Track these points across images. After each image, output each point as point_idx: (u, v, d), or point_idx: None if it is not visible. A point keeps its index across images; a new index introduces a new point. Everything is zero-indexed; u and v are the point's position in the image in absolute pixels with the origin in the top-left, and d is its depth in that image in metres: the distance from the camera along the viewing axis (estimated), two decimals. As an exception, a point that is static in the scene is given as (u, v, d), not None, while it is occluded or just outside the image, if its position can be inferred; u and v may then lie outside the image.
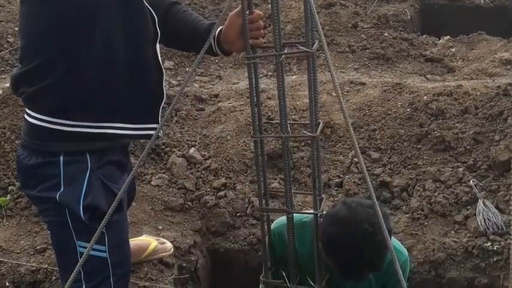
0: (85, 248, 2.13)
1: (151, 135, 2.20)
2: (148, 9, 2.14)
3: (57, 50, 2.05)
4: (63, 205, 2.11)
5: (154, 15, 2.15)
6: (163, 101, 2.24)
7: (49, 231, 2.39)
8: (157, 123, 2.22)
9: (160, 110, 2.23)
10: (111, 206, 1.77)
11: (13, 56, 6.59)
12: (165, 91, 2.24)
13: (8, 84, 5.15)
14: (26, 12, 2.09)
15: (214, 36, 2.18)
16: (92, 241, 1.64)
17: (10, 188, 3.91)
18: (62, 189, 2.11)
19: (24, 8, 2.10)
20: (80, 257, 2.13)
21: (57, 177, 2.12)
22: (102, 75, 2.08)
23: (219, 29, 2.19)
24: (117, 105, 2.14)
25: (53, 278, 3.20)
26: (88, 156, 2.13)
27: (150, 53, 2.17)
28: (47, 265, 3.25)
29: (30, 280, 3.22)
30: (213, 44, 2.21)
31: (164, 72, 2.25)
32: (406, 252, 2.42)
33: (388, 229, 2.06)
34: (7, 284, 3.23)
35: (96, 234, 1.61)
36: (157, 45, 2.20)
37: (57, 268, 3.16)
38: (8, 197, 3.84)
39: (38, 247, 3.40)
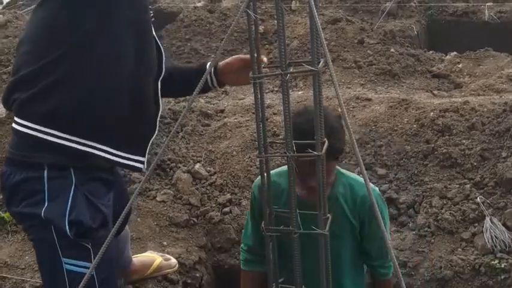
0: (71, 264, 2.12)
1: (137, 167, 2.20)
2: (158, 45, 2.17)
3: (58, 54, 2.03)
4: (48, 221, 2.08)
5: (163, 52, 2.18)
6: (154, 136, 2.25)
7: (34, 249, 2.35)
8: (144, 156, 2.22)
9: (149, 146, 2.24)
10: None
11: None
12: (157, 127, 2.25)
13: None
14: (41, 16, 2.10)
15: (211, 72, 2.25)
16: (93, 263, 1.62)
17: (16, 203, 3.91)
18: (46, 205, 2.08)
19: (39, 12, 2.10)
20: (66, 274, 2.12)
21: (41, 193, 2.08)
22: (100, 90, 2.07)
23: (214, 63, 2.23)
24: (109, 127, 2.12)
25: (57, 294, 3.18)
26: (72, 172, 2.10)
27: (151, 86, 2.19)
28: (51, 281, 3.23)
29: (35, 296, 3.21)
30: (209, 79, 2.26)
31: (161, 107, 2.26)
32: (375, 187, 2.51)
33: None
34: (12, 300, 3.22)
35: (98, 256, 1.59)
36: (159, 82, 2.23)
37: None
38: (14, 212, 3.84)
39: (42, 263, 3.39)
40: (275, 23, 5.39)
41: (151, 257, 3.27)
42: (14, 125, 2.12)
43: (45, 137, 2.05)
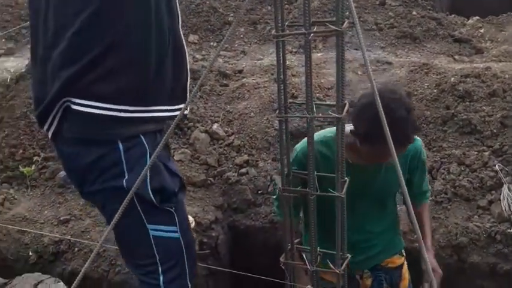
0: (157, 230, 2.12)
1: (185, 114, 2.23)
2: None
3: (120, 37, 2.02)
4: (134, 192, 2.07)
5: None
6: (189, 81, 2.26)
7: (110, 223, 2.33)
8: (185, 102, 2.21)
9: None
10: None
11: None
12: (189, 71, 2.25)
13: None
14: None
15: None
16: (112, 223, 1.62)
17: (35, 158, 3.95)
18: (126, 177, 2.06)
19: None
20: (153, 240, 2.12)
21: (120, 165, 2.07)
22: (157, 59, 2.08)
23: None
24: (165, 88, 2.14)
25: (76, 249, 3.23)
26: (144, 139, 2.11)
27: (179, 33, 2.18)
28: (70, 236, 3.28)
29: (53, 250, 3.26)
30: None
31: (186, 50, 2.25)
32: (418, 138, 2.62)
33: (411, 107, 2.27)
34: (30, 253, 3.28)
35: (112, 224, 1.59)
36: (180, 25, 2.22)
37: (79, 240, 3.20)
38: (33, 167, 3.88)
39: (61, 218, 3.43)
40: (296, -18, 5.30)
41: (168, 215, 3.28)
42: (76, 107, 2.06)
43: (116, 113, 2.04)
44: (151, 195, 2.08)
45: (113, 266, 3.15)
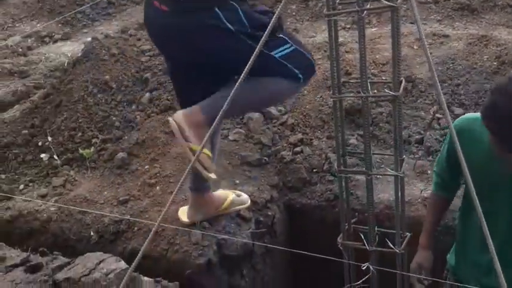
0: (278, 52, 2.54)
1: None
2: None
3: None
4: (241, 33, 2.48)
5: None
6: None
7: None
8: None
9: None
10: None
11: (93, 10, 6.73)
12: None
13: (89, 39, 5.28)
14: None
15: None
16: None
17: (93, 140, 4.04)
18: (228, 23, 2.46)
19: None
20: (281, 58, 2.55)
21: (220, 19, 2.47)
22: None
23: None
24: None
25: (135, 228, 3.30)
26: (234, 2, 2.51)
27: None
28: (129, 216, 3.35)
29: (114, 230, 3.34)
30: None
31: None
32: None
33: None
34: (92, 233, 3.37)
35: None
36: None
37: (139, 220, 3.27)
38: (92, 149, 3.97)
39: (120, 198, 3.51)
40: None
41: (224, 193, 3.33)
42: None
43: None
44: (252, 30, 2.47)
45: (171, 245, 3.20)
